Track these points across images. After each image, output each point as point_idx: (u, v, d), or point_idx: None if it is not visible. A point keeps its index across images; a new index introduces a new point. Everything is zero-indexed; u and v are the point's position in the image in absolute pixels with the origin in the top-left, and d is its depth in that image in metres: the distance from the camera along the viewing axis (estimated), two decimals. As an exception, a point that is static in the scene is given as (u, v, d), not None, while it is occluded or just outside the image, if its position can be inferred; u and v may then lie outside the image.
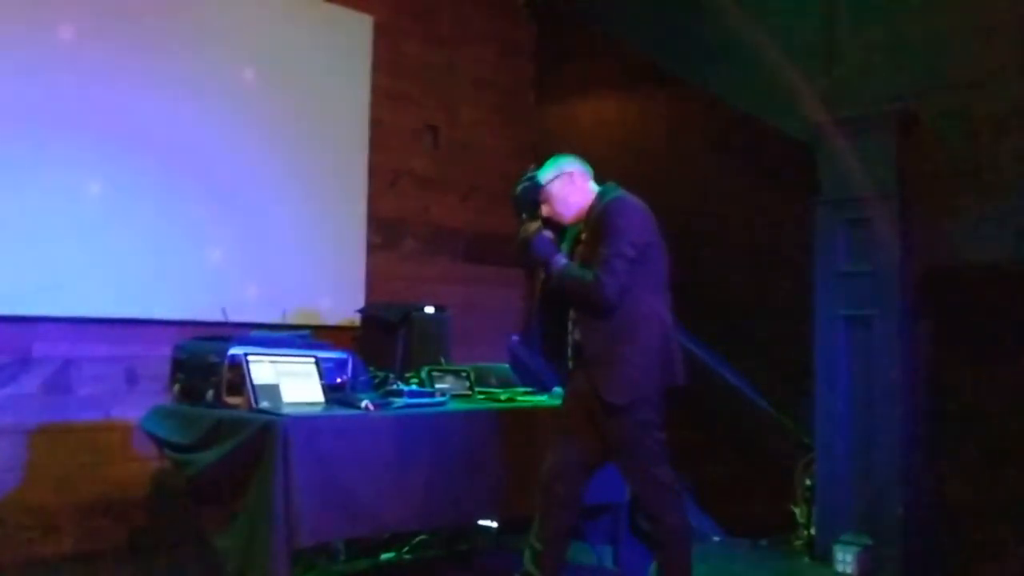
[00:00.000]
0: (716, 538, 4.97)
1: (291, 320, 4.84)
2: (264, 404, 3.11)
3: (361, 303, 5.17)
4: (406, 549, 4.17)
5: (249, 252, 4.86)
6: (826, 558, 4.36)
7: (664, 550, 3.24)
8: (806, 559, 4.54)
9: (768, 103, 5.09)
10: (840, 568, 4.26)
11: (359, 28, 5.43)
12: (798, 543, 4.68)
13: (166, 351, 3.63)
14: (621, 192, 3.34)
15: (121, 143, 4.41)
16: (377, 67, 5.51)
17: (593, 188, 3.40)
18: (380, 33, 5.53)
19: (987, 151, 4.22)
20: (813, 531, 4.54)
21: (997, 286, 4.15)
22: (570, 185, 3.37)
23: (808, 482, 4.63)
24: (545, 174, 3.41)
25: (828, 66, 4.80)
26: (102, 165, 4.34)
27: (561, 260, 3.29)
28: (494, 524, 4.42)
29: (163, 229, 4.53)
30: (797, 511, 4.72)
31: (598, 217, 3.27)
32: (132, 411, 4.13)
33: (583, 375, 3.27)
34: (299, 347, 3.50)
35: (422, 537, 4.21)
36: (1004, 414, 4.18)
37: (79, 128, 4.28)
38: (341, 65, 5.35)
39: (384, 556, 4.11)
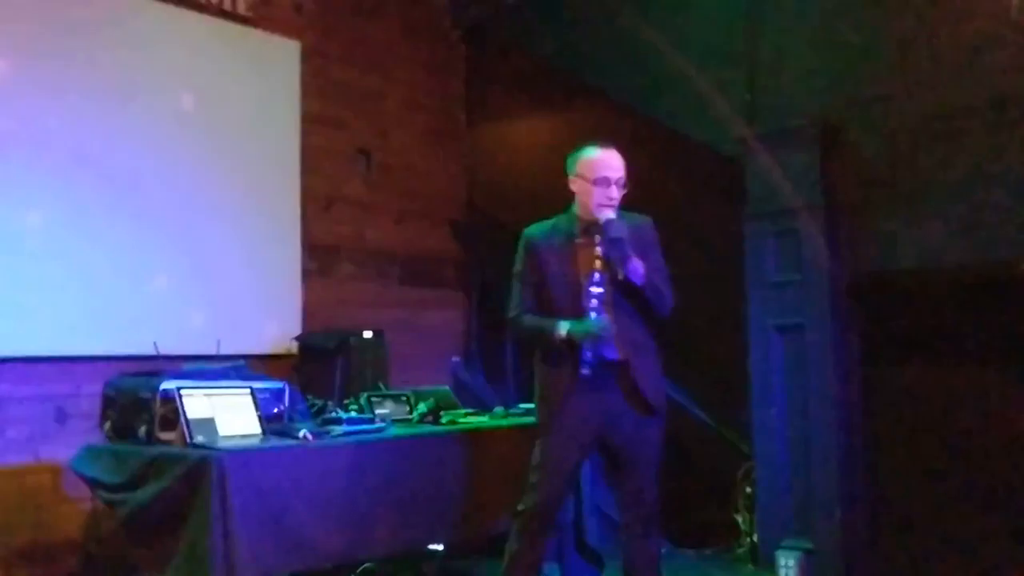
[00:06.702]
0: (662, 549, 5.00)
1: (227, 350, 4.76)
2: (199, 439, 3.05)
3: (298, 330, 5.12)
4: (351, 578, 4.11)
5: (186, 281, 4.79)
6: (769, 564, 4.42)
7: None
8: (750, 566, 4.61)
9: (695, 119, 5.18)
10: (783, 573, 4.32)
11: (286, 54, 5.40)
12: (741, 551, 4.74)
13: (96, 388, 3.54)
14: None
15: (60, 172, 4.34)
16: (306, 92, 5.48)
17: None
18: (308, 58, 5.50)
19: (905, 160, 4.36)
20: (756, 538, 4.61)
21: (920, 289, 4.28)
22: None
23: (748, 490, 4.70)
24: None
25: (751, 81, 4.91)
26: (41, 195, 4.27)
27: None
28: (440, 548, 4.38)
29: (98, 259, 4.45)
30: (740, 519, 4.78)
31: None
32: (62, 451, 4.00)
33: (617, 377, 3.26)
34: (233, 378, 3.45)
35: (367, 565, 4.15)
36: (936, 415, 4.29)
37: (17, 158, 4.20)
38: (271, 91, 5.32)
39: (329, 586, 4.05)
